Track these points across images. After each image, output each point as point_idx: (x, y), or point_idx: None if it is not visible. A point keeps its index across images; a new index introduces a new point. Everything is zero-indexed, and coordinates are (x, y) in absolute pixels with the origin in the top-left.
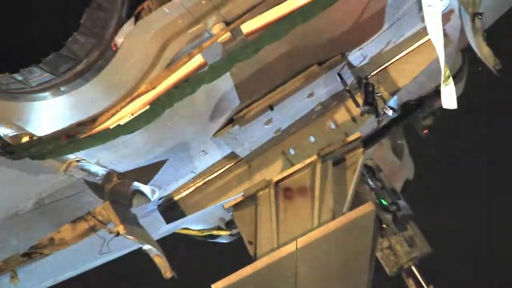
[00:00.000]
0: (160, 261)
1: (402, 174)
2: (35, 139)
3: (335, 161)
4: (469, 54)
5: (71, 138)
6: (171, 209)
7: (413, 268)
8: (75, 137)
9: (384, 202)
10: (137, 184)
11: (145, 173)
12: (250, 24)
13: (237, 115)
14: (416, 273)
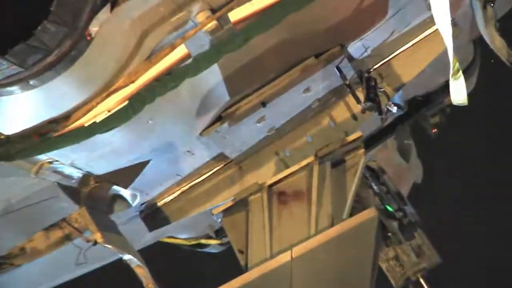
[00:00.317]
0: (141, 272)
1: (409, 177)
2: (2, 138)
3: (334, 163)
4: (481, 46)
5: (43, 136)
6: (154, 216)
7: (421, 280)
8: (46, 135)
9: (390, 208)
10: (116, 188)
11: (125, 175)
12: (238, 12)
13: (226, 112)
14: (425, 286)
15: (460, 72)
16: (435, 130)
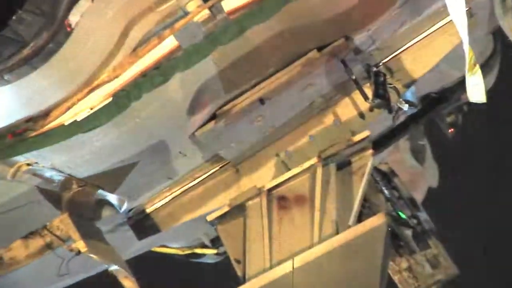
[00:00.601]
0: (129, 284)
1: (424, 181)
2: None
3: (339, 165)
4: (501, 38)
5: (19, 136)
6: (144, 223)
7: None
8: (23, 135)
9: (402, 215)
10: (101, 193)
11: (111, 179)
12: (233, 1)
13: (220, 110)
14: None
15: (477, 67)
16: (452, 129)
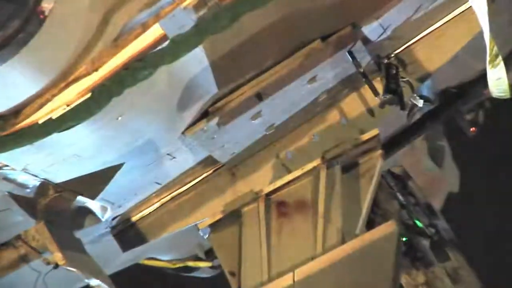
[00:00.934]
0: None
1: (443, 186)
2: None
3: (345, 167)
4: None
5: None
6: (129, 233)
7: None
8: None
9: (419, 224)
10: (81, 199)
11: (92, 184)
12: None
13: (213, 107)
14: None
15: (500, 59)
16: (473, 128)
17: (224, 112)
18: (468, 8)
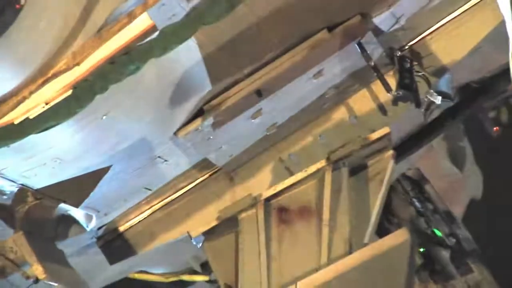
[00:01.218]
0: None
1: (464, 191)
2: None
3: (353, 169)
4: None
5: None
6: (116, 244)
7: None
8: None
9: (438, 233)
10: (64, 207)
11: (75, 190)
12: None
13: (208, 105)
14: None
15: None
16: (496, 128)
17: (220, 111)
18: None
